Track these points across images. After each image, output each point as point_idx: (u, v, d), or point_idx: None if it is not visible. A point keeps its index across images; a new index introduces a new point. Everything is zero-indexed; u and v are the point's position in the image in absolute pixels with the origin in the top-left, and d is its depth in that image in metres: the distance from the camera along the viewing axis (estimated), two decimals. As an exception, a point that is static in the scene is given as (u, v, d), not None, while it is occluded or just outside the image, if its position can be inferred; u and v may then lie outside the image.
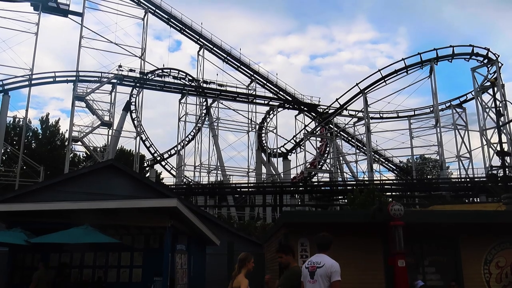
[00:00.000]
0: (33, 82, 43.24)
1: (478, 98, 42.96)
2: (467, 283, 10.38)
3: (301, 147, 50.56)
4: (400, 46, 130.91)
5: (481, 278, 10.62)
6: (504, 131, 34.30)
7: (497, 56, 42.92)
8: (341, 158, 51.78)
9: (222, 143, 49.88)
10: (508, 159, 16.06)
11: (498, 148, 15.97)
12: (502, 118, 31.17)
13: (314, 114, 51.63)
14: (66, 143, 45.87)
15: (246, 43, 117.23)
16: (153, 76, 48.91)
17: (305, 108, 51.80)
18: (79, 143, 43.02)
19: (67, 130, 47.54)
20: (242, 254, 6.64)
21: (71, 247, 11.60)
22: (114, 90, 44.95)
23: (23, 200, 13.71)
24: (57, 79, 43.96)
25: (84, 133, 42.35)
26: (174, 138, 51.38)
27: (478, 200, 36.64)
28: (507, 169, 15.77)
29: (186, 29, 49.73)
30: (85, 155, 51.46)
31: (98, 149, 45.40)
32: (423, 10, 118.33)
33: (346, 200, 36.28)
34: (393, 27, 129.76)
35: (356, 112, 49.01)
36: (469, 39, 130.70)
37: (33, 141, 53.95)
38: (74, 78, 43.58)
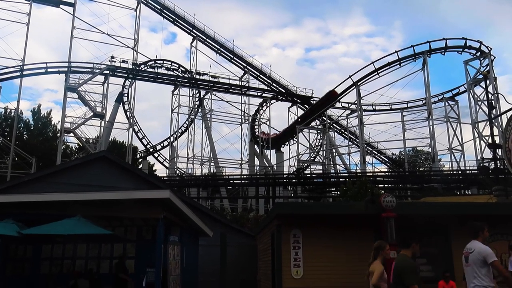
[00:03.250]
0: (24, 72, 42.83)
1: (471, 91, 43.16)
2: (458, 274, 10.47)
3: (294, 139, 50.62)
4: (395, 39, 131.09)
5: (472, 269, 10.72)
6: (496, 124, 34.48)
7: (489, 49, 43.09)
8: (334, 150, 51.93)
9: (215, 135, 49.89)
10: (499, 151, 16.17)
11: (490, 141, 16.08)
12: (494, 111, 31.35)
13: (307, 106, 51.64)
14: (58, 134, 45.58)
15: (242, 36, 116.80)
16: (146, 68, 48.61)
17: (298, 100, 51.79)
18: (71, 134, 42.80)
19: (59, 122, 47.30)
20: (377, 242, 7.10)
21: (63, 239, 11.60)
22: (106, 81, 44.64)
23: (15, 192, 13.62)
24: (48, 70, 43.56)
25: (76, 125, 42.11)
26: (168, 130, 51.13)
27: (470, 192, 36.95)
28: (498, 162, 15.88)
29: (179, 20, 49.44)
30: (77, 146, 51.26)
31: (91, 141, 45.15)
32: (418, 4, 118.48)
33: (338, 192, 36.43)
34: (388, 21, 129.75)
35: (349, 105, 49.10)
36: (464, 33, 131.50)
37: (25, 133, 53.53)
38: (66, 69, 43.22)
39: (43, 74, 44.45)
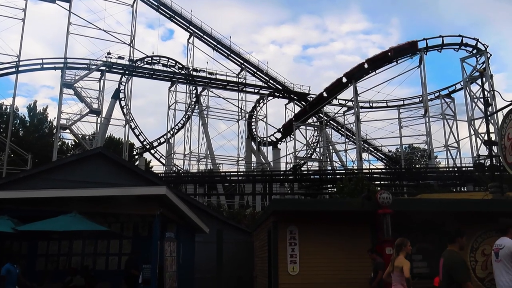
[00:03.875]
0: (20, 69, 42.62)
1: (467, 88, 43.25)
2: (453, 270, 10.52)
3: (291, 136, 50.66)
4: (392, 37, 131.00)
5: (468, 265, 10.77)
6: (492, 121, 34.57)
7: (486, 46, 43.14)
8: (330, 147, 51.98)
9: (212, 131, 49.78)
10: (495, 148, 16.20)
11: (486, 138, 16.11)
12: (490, 108, 31.45)
13: (304, 103, 51.65)
14: (54, 131, 45.38)
15: (239, 33, 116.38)
16: (142, 64, 48.45)
17: (295, 97, 51.79)
18: (68, 131, 42.65)
19: (55, 118, 47.12)
20: (398, 239, 7.44)
21: (59, 235, 11.57)
22: (103, 78, 44.54)
23: (11, 188, 13.58)
24: (44, 66, 43.32)
25: (73, 121, 41.93)
26: (164, 126, 51.08)
27: (466, 189, 37.08)
28: (494, 159, 15.92)
29: (175, 16, 49.24)
30: (73, 143, 51.10)
31: (87, 137, 44.99)
32: (416, 1, 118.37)
33: (335, 189, 36.47)
34: (385, 18, 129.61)
35: (346, 102, 49.16)
36: (461, 30, 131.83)
37: (20, 129, 53.34)
38: (62, 65, 43.00)
39: (39, 70, 44.29)
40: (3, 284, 9.29)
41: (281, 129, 52.92)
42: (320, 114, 50.02)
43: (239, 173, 45.80)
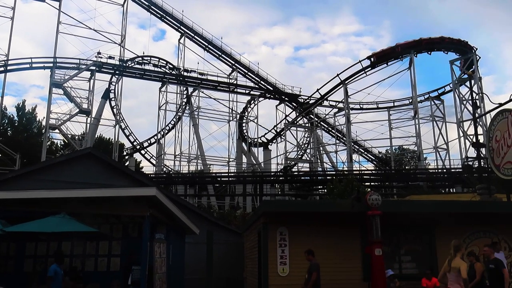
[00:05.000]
0: (8, 68, 42.20)
1: (456, 90, 43.67)
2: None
3: (282, 137, 50.73)
4: (384, 39, 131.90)
5: (455, 266, 10.86)
6: (480, 123, 34.94)
7: (475, 49, 43.60)
8: (321, 148, 52.14)
9: (202, 132, 49.68)
10: (483, 150, 16.38)
11: (474, 140, 16.27)
12: (478, 110, 31.77)
13: (295, 104, 51.75)
14: (43, 130, 44.98)
15: (231, 34, 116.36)
16: (133, 64, 48.21)
17: (286, 98, 51.86)
18: (57, 131, 42.35)
19: (44, 118, 46.68)
20: (456, 241, 7.99)
21: (47, 236, 11.46)
22: (92, 78, 44.23)
23: (-2, 188, 13.44)
24: (33, 65, 43.00)
25: (62, 121, 41.65)
26: (155, 127, 50.81)
27: (454, 191, 37.41)
28: (482, 161, 16.09)
29: (166, 17, 49.08)
30: (62, 143, 50.63)
31: (76, 137, 44.64)
32: (407, 4, 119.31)
33: (325, 190, 36.60)
34: (377, 20, 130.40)
35: (337, 103, 49.32)
36: (451, 33, 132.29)
37: (9, 129, 52.74)
38: (51, 65, 42.67)
39: (28, 69, 43.95)
40: (50, 285, 9.26)
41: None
42: (311, 115, 50.15)
43: (229, 174, 45.77)
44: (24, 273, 12.48)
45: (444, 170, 41.78)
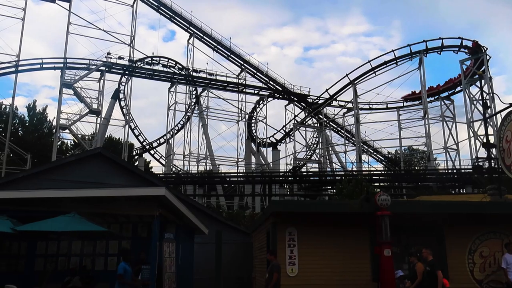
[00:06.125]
0: (19, 68, 42.62)
1: (466, 90, 43.28)
2: (451, 272, 10.56)
3: (291, 137, 50.67)
4: (394, 39, 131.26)
5: (465, 267, 10.82)
6: (491, 123, 34.61)
7: (485, 49, 43.19)
8: (330, 149, 52.00)
9: (211, 132, 49.82)
10: (493, 151, 16.23)
11: (485, 140, 16.13)
12: (488, 111, 31.47)
13: (304, 105, 51.67)
14: (54, 131, 45.36)
15: (241, 34, 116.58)
16: (142, 64, 48.42)
17: (295, 98, 51.80)
18: (67, 131, 42.63)
19: (54, 118, 47.09)
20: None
21: (58, 236, 11.56)
22: (102, 78, 44.54)
23: (10, 188, 13.58)
24: (44, 66, 43.32)
25: (72, 121, 41.92)
26: (164, 127, 51.07)
27: (464, 191, 37.10)
28: (492, 161, 15.94)
29: (176, 17, 49.26)
30: (73, 143, 51.05)
31: (86, 137, 45.01)
32: (417, 4, 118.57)
33: (334, 190, 36.48)
34: (387, 20, 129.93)
35: (346, 103, 49.17)
36: (461, 32, 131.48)
37: (20, 129, 53.28)
38: (62, 65, 42.99)
39: (38, 70, 44.28)
40: (120, 283, 9.45)
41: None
42: (320, 116, 50.04)
43: (238, 174, 45.78)
44: (35, 272, 12.61)
45: (454, 171, 41.42)
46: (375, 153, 53.39)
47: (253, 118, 53.64)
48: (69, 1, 45.52)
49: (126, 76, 47.30)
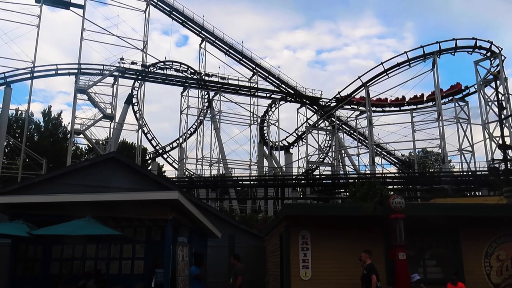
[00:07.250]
0: (35, 74, 43.25)
1: (481, 91, 42.78)
2: (467, 276, 10.42)
3: (303, 140, 50.55)
4: (407, 41, 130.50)
5: (482, 271, 10.66)
6: (507, 124, 34.19)
7: (500, 49, 42.68)
8: (343, 151, 51.75)
9: (224, 136, 50.00)
10: (510, 152, 16.01)
11: (500, 142, 15.92)
12: (504, 112, 31.05)
13: (316, 107, 51.54)
14: (69, 136, 45.90)
15: (253, 38, 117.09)
16: (155, 69, 48.79)
17: (307, 101, 51.70)
18: (81, 136, 43.14)
19: (69, 123, 47.66)
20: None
21: (73, 239, 11.66)
22: (116, 83, 44.97)
23: (25, 192, 13.76)
24: (59, 72, 43.96)
25: (86, 126, 42.41)
26: (177, 131, 51.39)
27: (480, 194, 36.62)
28: (508, 163, 15.72)
29: (188, 22, 49.60)
30: (87, 148, 51.61)
31: (100, 142, 45.43)
32: (430, 5, 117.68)
33: (347, 193, 36.28)
34: (400, 22, 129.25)
35: (359, 105, 48.91)
36: (475, 33, 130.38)
37: (35, 134, 54.06)
38: (76, 71, 43.56)
39: (53, 76, 44.98)
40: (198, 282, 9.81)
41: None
42: (333, 118, 49.87)
43: (251, 178, 45.81)
44: (51, 276, 12.72)
45: (469, 173, 40.92)
46: (388, 155, 53.03)
47: (265, 121, 53.66)
48: (83, 7, 46.14)
49: (139, 81, 47.73)
